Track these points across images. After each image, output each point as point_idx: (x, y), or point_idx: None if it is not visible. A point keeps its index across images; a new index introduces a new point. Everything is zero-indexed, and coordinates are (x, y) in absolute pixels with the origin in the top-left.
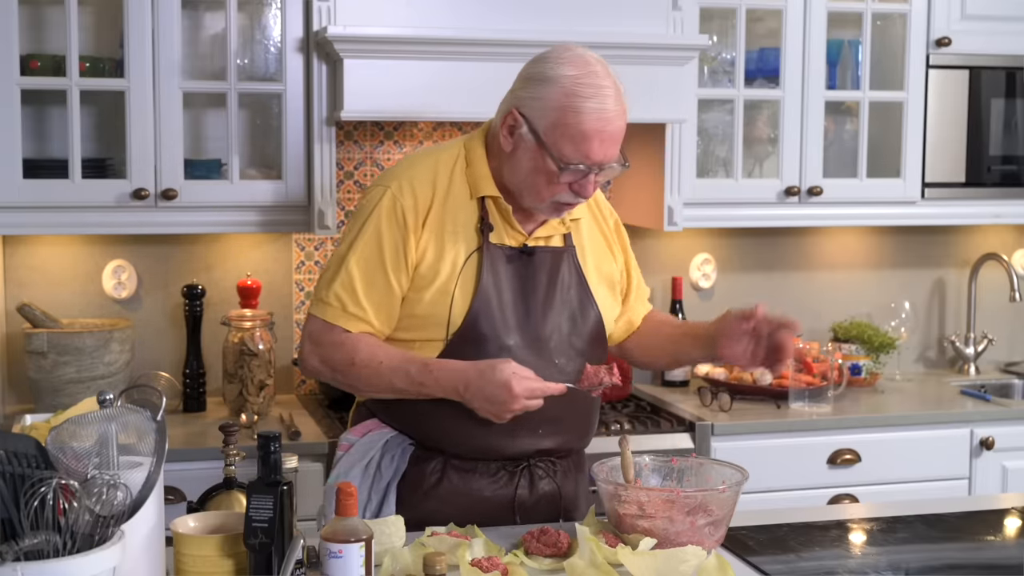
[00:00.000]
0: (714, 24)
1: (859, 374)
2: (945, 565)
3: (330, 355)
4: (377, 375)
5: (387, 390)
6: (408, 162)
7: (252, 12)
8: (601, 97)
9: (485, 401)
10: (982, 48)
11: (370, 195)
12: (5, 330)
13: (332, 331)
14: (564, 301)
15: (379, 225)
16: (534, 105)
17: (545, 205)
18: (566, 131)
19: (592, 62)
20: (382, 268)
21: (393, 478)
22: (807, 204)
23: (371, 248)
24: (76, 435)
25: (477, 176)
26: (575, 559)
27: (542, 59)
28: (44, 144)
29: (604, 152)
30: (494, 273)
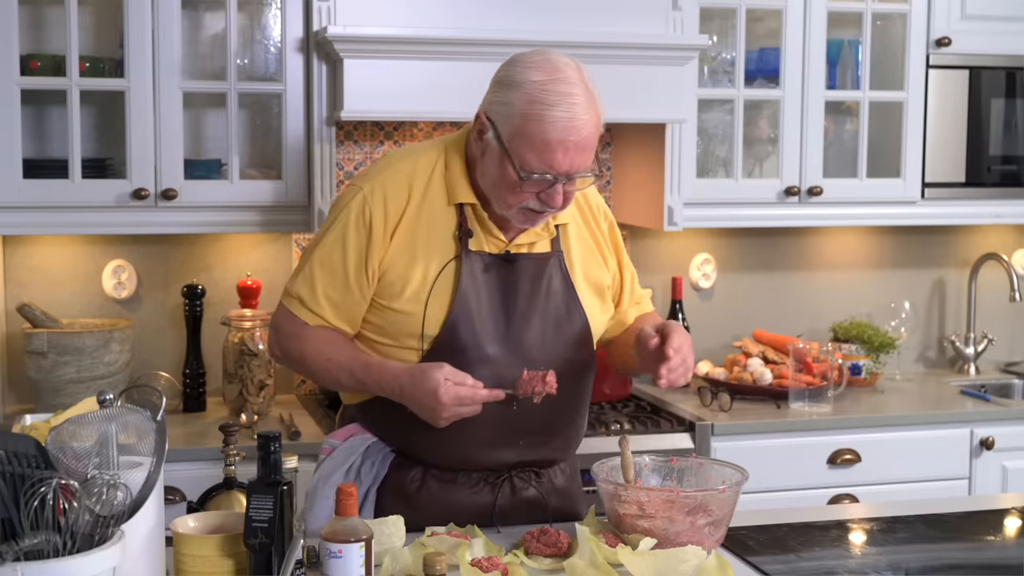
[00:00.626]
0: (714, 24)
1: (859, 374)
2: (945, 565)
3: (286, 345)
4: (325, 371)
5: (335, 385)
6: (386, 162)
7: (252, 12)
8: (568, 104)
9: (417, 407)
10: (982, 48)
11: (344, 195)
12: (5, 330)
13: (292, 322)
14: (548, 308)
15: (346, 228)
16: (500, 110)
17: (513, 212)
18: (528, 139)
19: (563, 67)
20: (344, 271)
21: (373, 484)
22: (807, 204)
23: (335, 250)
24: (76, 435)
25: (455, 181)
26: (575, 559)
27: (513, 62)
28: (44, 144)
29: (570, 162)
30: (473, 281)
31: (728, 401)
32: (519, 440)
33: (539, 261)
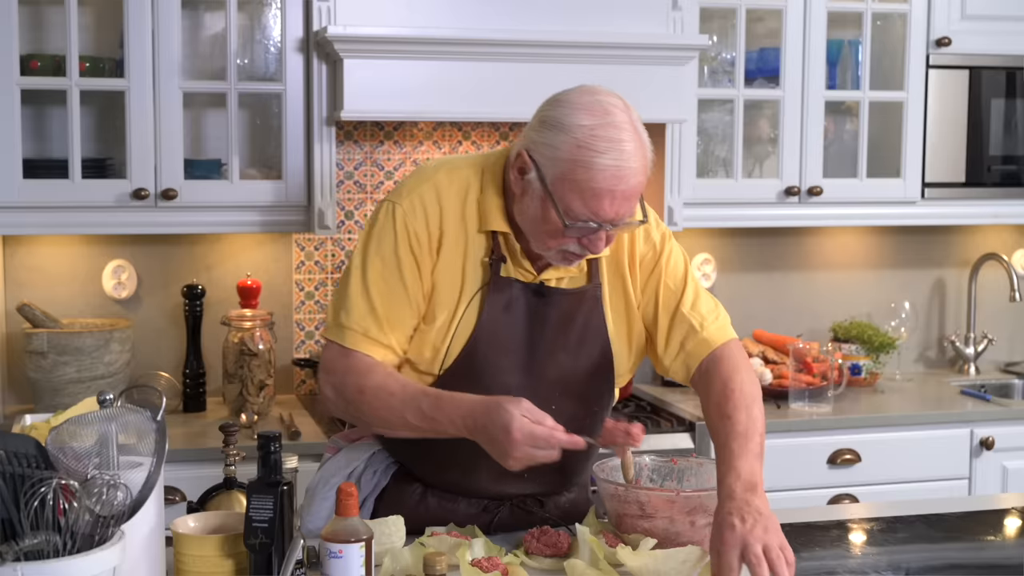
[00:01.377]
0: (714, 24)
1: (859, 374)
2: (945, 565)
3: (342, 382)
4: (388, 407)
5: (398, 424)
6: (421, 177)
7: (252, 12)
8: (618, 152)
9: (489, 443)
10: (982, 48)
11: (380, 214)
12: (5, 330)
13: (349, 356)
14: (575, 343)
15: (396, 246)
16: (544, 152)
17: (552, 253)
18: (575, 186)
19: (613, 110)
20: (403, 290)
21: (372, 493)
22: (807, 204)
23: (390, 270)
24: (76, 435)
25: (489, 208)
26: (575, 559)
27: (560, 102)
28: (44, 144)
29: (616, 210)
30: (500, 309)
31: None
32: (524, 473)
33: (573, 296)
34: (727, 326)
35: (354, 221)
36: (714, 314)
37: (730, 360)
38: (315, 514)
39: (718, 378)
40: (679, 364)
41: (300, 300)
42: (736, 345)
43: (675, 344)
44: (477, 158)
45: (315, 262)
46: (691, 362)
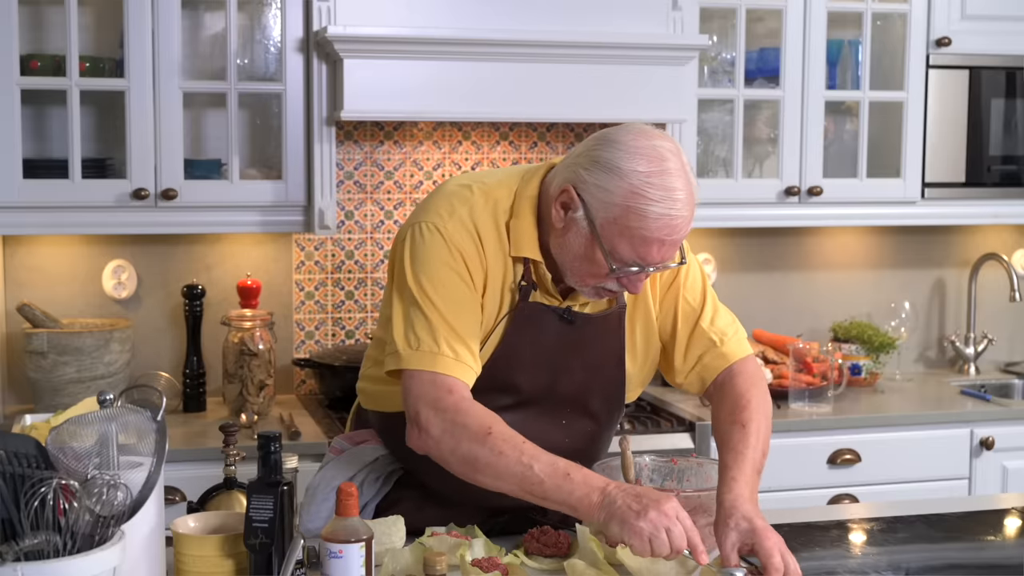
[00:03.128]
0: (714, 24)
1: (859, 374)
2: (945, 565)
3: (458, 421)
4: (515, 454)
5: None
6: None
7: (252, 12)
8: (671, 201)
9: (632, 499)
10: (982, 48)
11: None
12: (5, 330)
13: (449, 387)
14: (591, 366)
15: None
16: (595, 194)
17: (588, 289)
18: (626, 232)
19: (668, 156)
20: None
21: (373, 498)
22: (807, 204)
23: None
24: (76, 435)
25: (521, 234)
26: (575, 559)
27: (614, 142)
28: (44, 144)
29: (663, 255)
30: (525, 330)
31: None
32: None
33: (598, 322)
34: (744, 341)
35: (354, 221)
36: (732, 328)
37: (747, 375)
38: (315, 514)
39: (734, 390)
40: (695, 377)
41: (300, 300)
42: (753, 361)
43: (692, 358)
44: (510, 178)
45: (315, 262)
46: (707, 375)
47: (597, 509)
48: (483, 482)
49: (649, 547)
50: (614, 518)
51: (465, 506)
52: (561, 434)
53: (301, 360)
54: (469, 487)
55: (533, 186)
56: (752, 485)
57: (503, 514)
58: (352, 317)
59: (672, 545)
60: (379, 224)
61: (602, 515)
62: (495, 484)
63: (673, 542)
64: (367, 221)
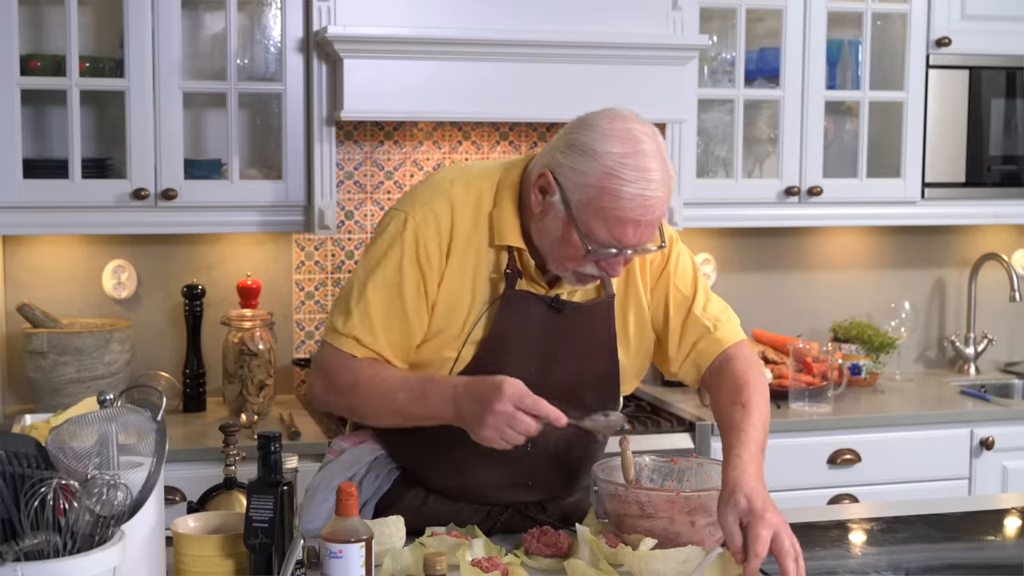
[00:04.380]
0: (714, 24)
1: (859, 374)
2: (945, 565)
3: (334, 381)
4: (381, 393)
5: (388, 410)
6: (435, 188)
7: (252, 12)
8: (645, 181)
9: (473, 401)
10: (982, 48)
11: (391, 222)
12: (5, 330)
13: (340, 357)
14: (582, 355)
15: (401, 259)
16: (571, 176)
17: (568, 273)
18: (600, 213)
19: (643, 138)
20: (402, 305)
21: (372, 497)
22: (807, 204)
23: (392, 283)
24: (76, 435)
25: (503, 222)
26: (575, 559)
27: (590, 126)
28: (44, 144)
29: (639, 237)
30: (514, 322)
31: None
32: (528, 481)
33: (587, 310)
34: (737, 327)
35: (354, 221)
36: (726, 315)
37: (743, 359)
38: (315, 515)
39: (732, 372)
40: (689, 365)
41: (300, 300)
42: (747, 345)
43: (687, 346)
44: (493, 169)
45: (315, 262)
46: (702, 362)
47: (454, 420)
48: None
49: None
50: (468, 428)
51: (464, 502)
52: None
53: (301, 360)
54: (468, 484)
55: (514, 176)
56: (757, 463)
57: (502, 510)
58: None
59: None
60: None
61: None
62: (383, 423)
63: (520, 434)
64: (367, 221)
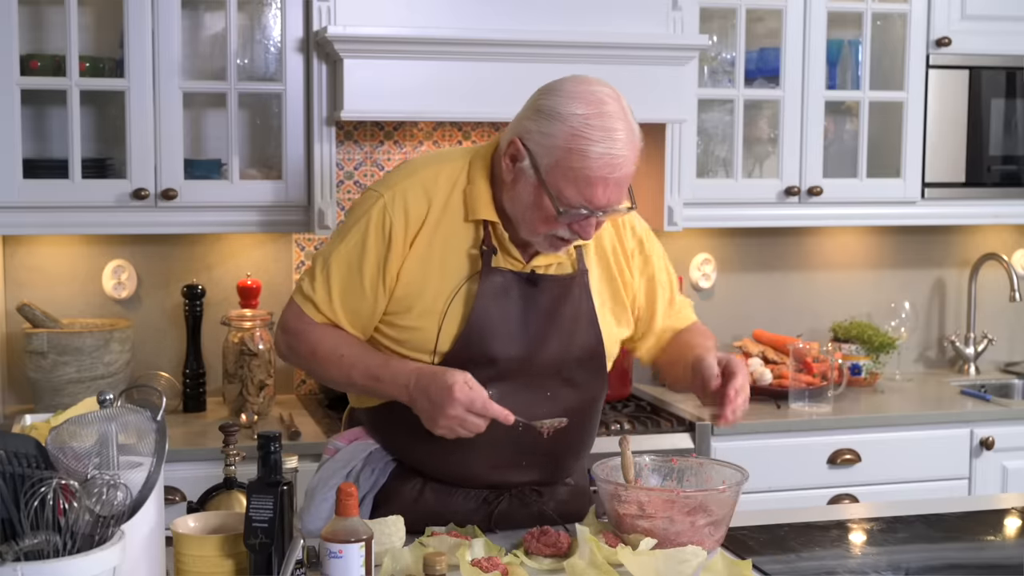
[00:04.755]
0: (714, 24)
1: (859, 374)
2: (945, 565)
3: (295, 343)
4: (337, 368)
5: (345, 384)
6: (408, 169)
7: (252, 12)
8: (611, 140)
9: (426, 400)
10: (982, 48)
11: (364, 201)
12: (5, 330)
13: (302, 320)
14: (566, 329)
15: (366, 235)
16: (539, 140)
17: (540, 239)
18: (569, 173)
19: (606, 99)
20: (360, 280)
21: (370, 491)
22: (807, 204)
23: (353, 257)
24: (76, 435)
25: (476, 198)
26: (575, 559)
27: (554, 91)
28: (44, 144)
29: (608, 197)
30: (492, 299)
31: None
32: (523, 461)
33: (562, 282)
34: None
35: None
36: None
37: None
38: (315, 515)
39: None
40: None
41: None
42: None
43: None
44: (466, 150)
45: None
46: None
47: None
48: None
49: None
50: (422, 419)
51: (461, 487)
52: (548, 407)
53: None
54: (463, 466)
55: (485, 153)
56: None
57: (499, 495)
58: None
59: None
60: None
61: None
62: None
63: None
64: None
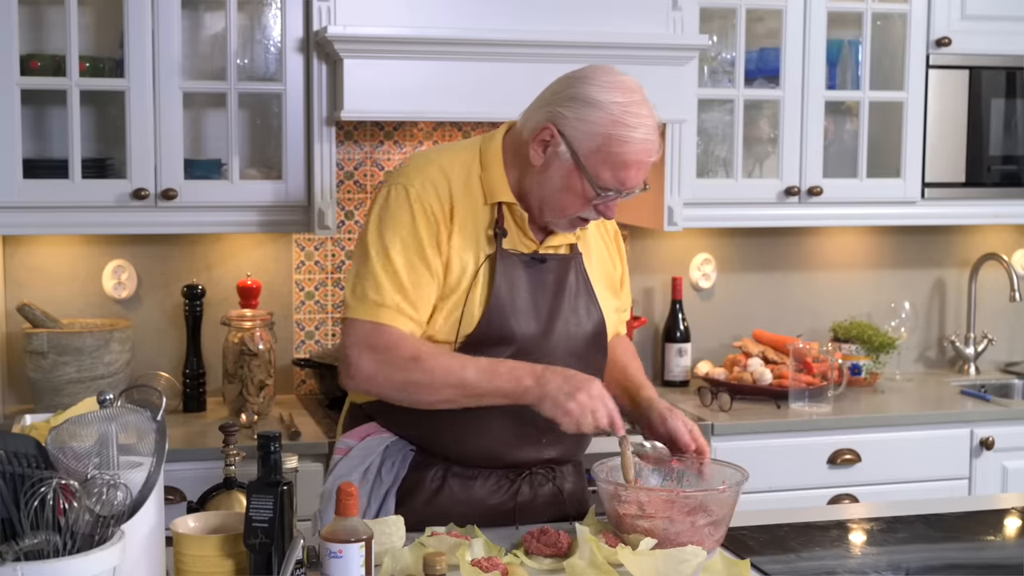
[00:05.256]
0: (714, 24)
1: (859, 374)
2: (945, 565)
3: (389, 357)
4: (444, 367)
5: (451, 383)
6: (423, 160)
7: (252, 12)
8: (646, 128)
9: (562, 379)
10: (982, 48)
11: (390, 197)
12: (5, 330)
13: (384, 332)
14: (570, 308)
15: (413, 224)
16: (577, 126)
17: (564, 221)
18: (609, 157)
19: (636, 89)
20: (426, 266)
21: (393, 484)
22: (807, 204)
23: (411, 248)
24: (76, 435)
25: (493, 181)
26: (575, 559)
27: (586, 80)
28: (44, 144)
29: (638, 179)
30: (507, 278)
31: (728, 401)
32: (542, 438)
33: (563, 262)
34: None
35: (354, 221)
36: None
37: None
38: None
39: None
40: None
41: (300, 300)
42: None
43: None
44: (472, 140)
45: (315, 262)
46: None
47: (532, 393)
48: (423, 401)
49: (577, 425)
50: (547, 398)
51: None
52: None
53: (301, 360)
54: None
55: (496, 142)
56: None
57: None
58: None
59: (597, 423)
60: None
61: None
62: (437, 398)
63: (598, 421)
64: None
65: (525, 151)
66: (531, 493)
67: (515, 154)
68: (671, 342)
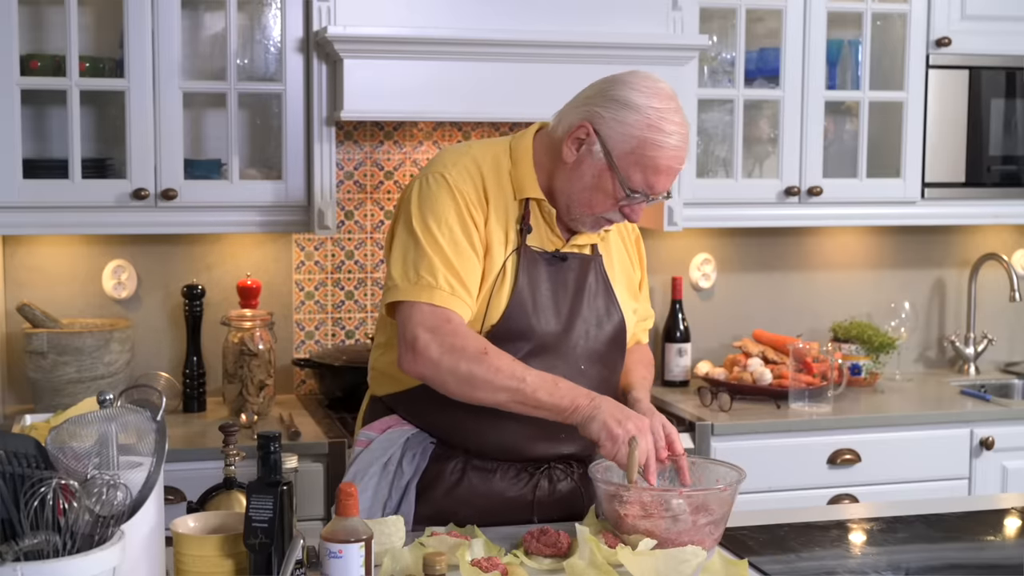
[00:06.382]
0: (714, 24)
1: (859, 374)
2: (945, 565)
3: (456, 343)
4: (508, 368)
5: (509, 386)
6: (456, 153)
7: (252, 12)
8: (680, 135)
9: (617, 408)
10: (982, 48)
11: (429, 182)
12: (5, 330)
13: (443, 315)
14: (591, 307)
15: (458, 208)
16: (614, 127)
17: (590, 219)
18: (641, 160)
19: (673, 97)
20: (472, 247)
21: (414, 476)
22: (807, 204)
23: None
24: (76, 435)
25: (522, 178)
26: (575, 559)
27: (626, 83)
28: (44, 144)
29: (666, 185)
30: (529, 274)
31: (728, 401)
32: (561, 433)
33: (584, 262)
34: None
35: (354, 221)
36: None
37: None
38: None
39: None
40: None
41: (300, 300)
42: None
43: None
44: (502, 138)
45: (315, 262)
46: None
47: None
48: (479, 397)
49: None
50: (596, 420)
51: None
52: (581, 381)
53: (301, 360)
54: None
55: (527, 140)
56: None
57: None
58: (352, 317)
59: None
60: (379, 224)
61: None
62: (491, 398)
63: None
64: (367, 221)
65: (557, 149)
66: (550, 488)
67: (546, 152)
68: (671, 342)
